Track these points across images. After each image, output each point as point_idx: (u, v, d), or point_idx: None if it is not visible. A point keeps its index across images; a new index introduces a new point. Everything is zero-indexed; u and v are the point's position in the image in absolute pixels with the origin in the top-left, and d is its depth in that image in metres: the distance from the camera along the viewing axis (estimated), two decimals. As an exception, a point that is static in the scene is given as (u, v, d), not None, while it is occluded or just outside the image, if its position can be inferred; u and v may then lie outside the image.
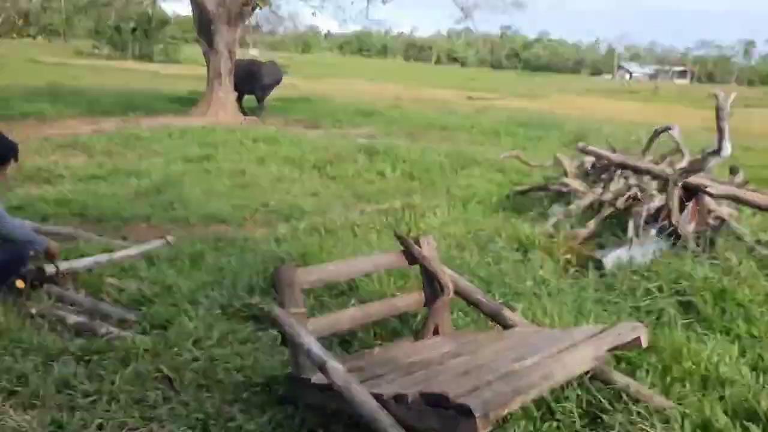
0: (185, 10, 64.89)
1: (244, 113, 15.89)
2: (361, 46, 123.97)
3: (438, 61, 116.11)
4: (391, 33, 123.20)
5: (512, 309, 3.56)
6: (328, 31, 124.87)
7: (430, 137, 13.90)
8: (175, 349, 3.36)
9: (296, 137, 11.47)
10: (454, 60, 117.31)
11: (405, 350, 3.22)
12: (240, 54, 17.35)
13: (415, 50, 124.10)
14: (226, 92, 15.29)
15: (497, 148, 12.55)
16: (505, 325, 3.38)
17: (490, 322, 3.67)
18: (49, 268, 4.16)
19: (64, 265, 4.27)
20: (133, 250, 4.90)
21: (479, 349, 2.98)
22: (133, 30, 47.32)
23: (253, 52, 49.02)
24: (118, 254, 4.76)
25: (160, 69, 37.87)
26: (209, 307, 3.96)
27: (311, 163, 9.20)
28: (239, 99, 16.05)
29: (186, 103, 17.23)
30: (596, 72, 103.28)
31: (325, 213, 6.83)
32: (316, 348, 2.67)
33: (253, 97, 16.45)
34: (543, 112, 22.15)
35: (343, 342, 3.65)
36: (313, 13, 16.91)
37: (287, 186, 8.04)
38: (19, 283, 3.90)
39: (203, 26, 15.55)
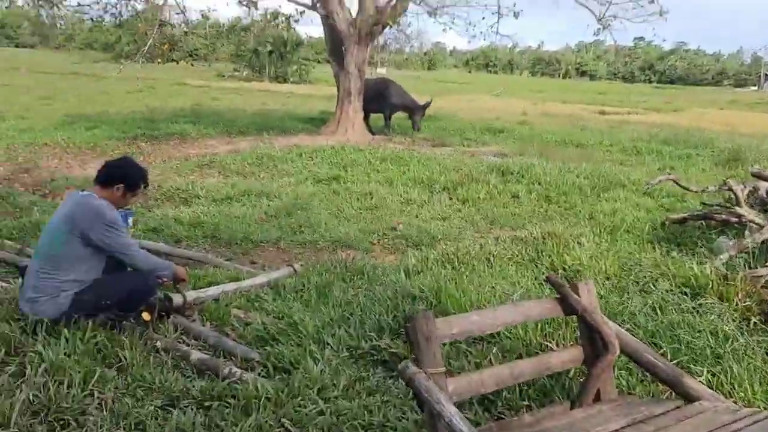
0: (317, 32, 67.40)
1: (372, 132, 15.86)
2: (487, 61, 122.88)
3: (566, 75, 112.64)
4: (518, 48, 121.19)
5: (694, 375, 2.92)
6: (454, 48, 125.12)
7: (564, 155, 13.06)
8: (299, 398, 3.05)
9: (424, 157, 11.14)
10: (583, 73, 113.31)
11: (562, 420, 2.69)
12: (368, 73, 17.42)
13: (543, 64, 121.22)
14: (355, 111, 15.32)
15: (642, 168, 11.56)
16: (687, 397, 2.76)
17: (660, 386, 3.07)
18: (177, 298, 4.03)
19: (191, 295, 4.14)
20: (260, 278, 4.72)
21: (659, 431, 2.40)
22: (270, 53, 49.63)
23: (381, 71, 49.80)
24: (245, 283, 4.59)
25: (294, 89, 39.36)
26: (336, 348, 3.65)
27: (441, 184, 8.80)
28: (366, 118, 16.05)
29: (317, 122, 17.51)
30: (740, 83, 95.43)
31: (456, 239, 6.41)
32: (459, 421, 2.24)
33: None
34: (685, 127, 20.38)
35: (484, 398, 3.18)
36: (444, 30, 16.51)
37: (416, 209, 7.70)
38: (146, 315, 3.79)
39: (334, 47, 15.72)
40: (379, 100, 15.62)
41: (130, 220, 6.55)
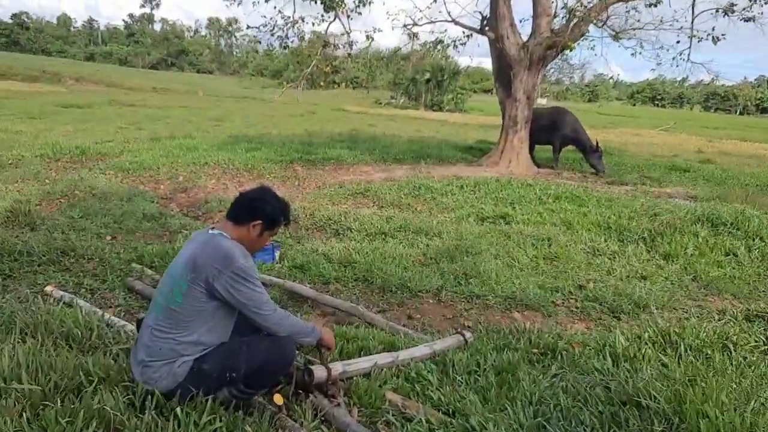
0: (474, 62, 66.81)
1: (537, 165, 14.53)
2: (654, 94, 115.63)
3: (744, 111, 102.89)
4: (688, 81, 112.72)
5: None
6: (618, 79, 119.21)
7: (772, 203, 10.92)
8: None
9: (605, 197, 9.66)
10: (764, 110, 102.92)
11: None
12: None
13: (717, 99, 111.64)
14: (521, 141, 14.09)
15: None
16: None
17: None
18: (319, 371, 3.12)
19: (337, 368, 3.21)
20: (422, 349, 3.70)
21: None
22: (427, 81, 49.77)
23: (542, 102, 47.97)
24: (404, 354, 3.58)
25: (448, 117, 38.86)
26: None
27: (633, 232, 7.32)
28: (532, 149, 14.75)
29: (475, 152, 16.50)
30: None
31: (666, 308, 5.02)
32: None
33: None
34: None
35: None
36: (633, 54, 14.81)
37: (606, 262, 6.33)
38: (277, 398, 2.90)
39: (502, 72, 14.65)
40: (551, 130, 14.27)
41: (277, 254, 5.88)
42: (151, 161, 11.64)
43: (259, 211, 2.96)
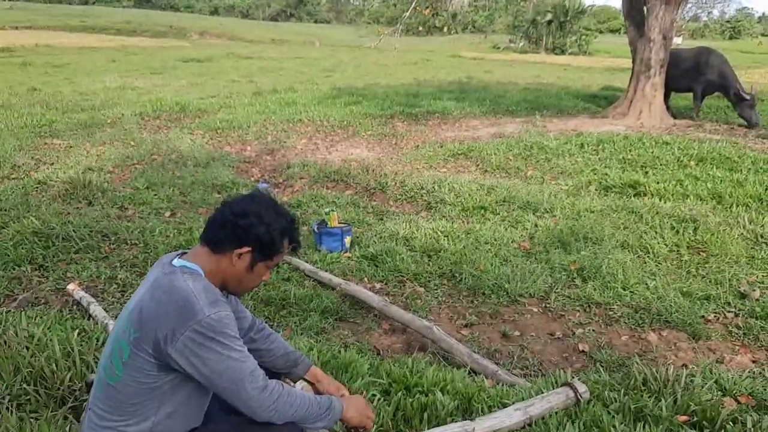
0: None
1: (674, 116, 12.48)
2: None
3: None
4: None
5: None
6: (764, 14, 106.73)
7: None
8: None
9: (762, 157, 7.76)
10: None
11: None
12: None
13: None
14: (654, 89, 12.10)
15: None
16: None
17: None
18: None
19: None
20: (511, 416, 2.55)
21: None
22: (549, 22, 46.39)
23: (677, 41, 43.46)
24: (482, 424, 2.46)
25: (571, 61, 35.92)
26: None
27: (810, 212, 5.63)
28: (667, 97, 12.67)
29: (600, 101, 14.57)
30: None
31: None
32: None
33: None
34: None
35: None
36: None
37: (776, 256, 4.79)
38: None
39: (633, 8, 12.60)
40: (694, 74, 12.10)
41: (347, 240, 4.89)
42: (243, 119, 10.99)
43: (248, 232, 1.91)
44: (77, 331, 3.09)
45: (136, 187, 6.52)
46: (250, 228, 1.90)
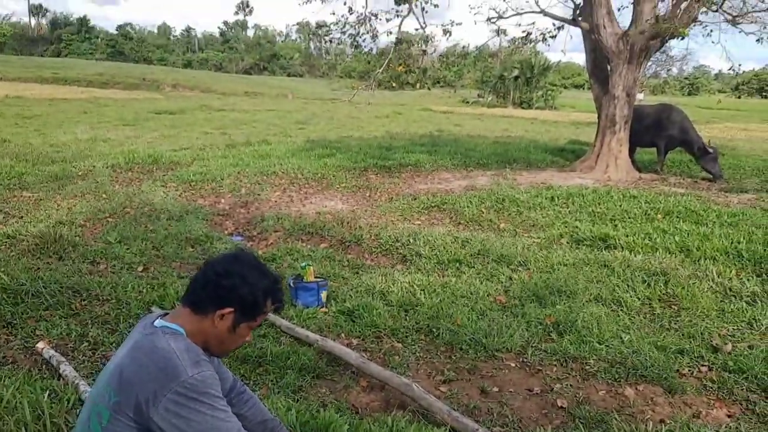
0: (565, 56, 63.89)
1: (639, 170, 12.85)
2: (762, 85, 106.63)
3: None
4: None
5: None
6: (720, 72, 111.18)
7: None
8: None
9: (726, 211, 8.01)
10: None
11: None
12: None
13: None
14: (620, 143, 12.46)
15: None
16: None
17: None
18: None
19: None
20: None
21: None
22: (516, 78, 47.79)
23: (639, 96, 45.02)
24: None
25: (538, 115, 36.92)
26: None
27: (775, 265, 5.79)
28: (632, 152, 13.06)
29: (568, 155, 14.95)
30: None
31: None
32: None
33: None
34: None
35: None
36: (759, 41, 12.92)
37: (744, 309, 4.88)
38: None
39: (597, 67, 13.10)
40: (657, 130, 12.53)
41: (323, 294, 4.87)
42: (216, 171, 11.00)
43: (231, 293, 1.91)
44: (47, 392, 3.00)
45: (108, 241, 6.42)
46: (233, 289, 1.90)
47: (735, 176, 12.57)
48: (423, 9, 11.98)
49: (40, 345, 3.89)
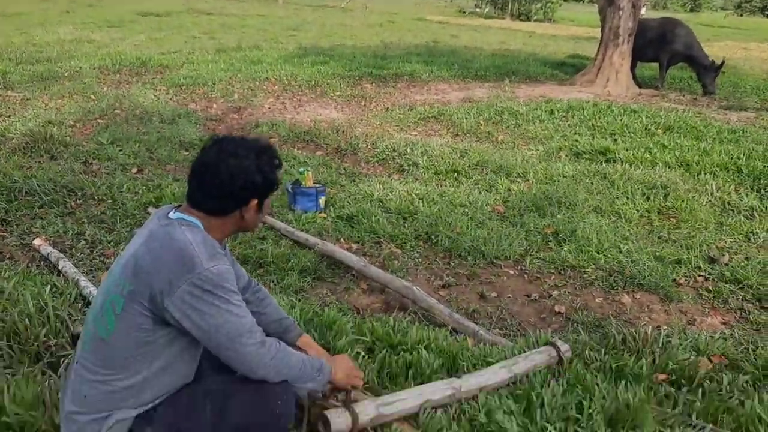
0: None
1: (639, 85, 12.63)
2: (765, 5, 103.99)
3: None
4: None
5: None
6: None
7: None
8: None
9: (726, 128, 7.92)
10: None
11: None
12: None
13: None
14: (622, 57, 12.19)
15: None
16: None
17: None
18: (338, 419, 2.08)
19: (367, 410, 2.15)
20: (496, 373, 2.56)
21: None
22: (514, -12, 46.16)
23: (641, 12, 43.73)
24: (468, 381, 2.47)
25: (536, 28, 35.87)
26: None
27: (772, 180, 5.78)
28: (634, 66, 12.79)
29: (567, 68, 14.61)
30: None
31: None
32: None
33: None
34: None
35: None
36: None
37: (743, 223, 4.91)
38: None
39: (604, -25, 12.61)
40: (660, 44, 12.21)
41: (321, 200, 4.82)
42: (207, 76, 10.68)
43: (245, 189, 1.84)
44: (48, 286, 2.98)
45: (100, 142, 6.28)
46: (252, 181, 1.84)
47: (735, 94, 12.39)
48: None
49: (36, 242, 3.85)
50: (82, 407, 1.79)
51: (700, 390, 2.57)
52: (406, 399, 2.29)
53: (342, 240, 4.38)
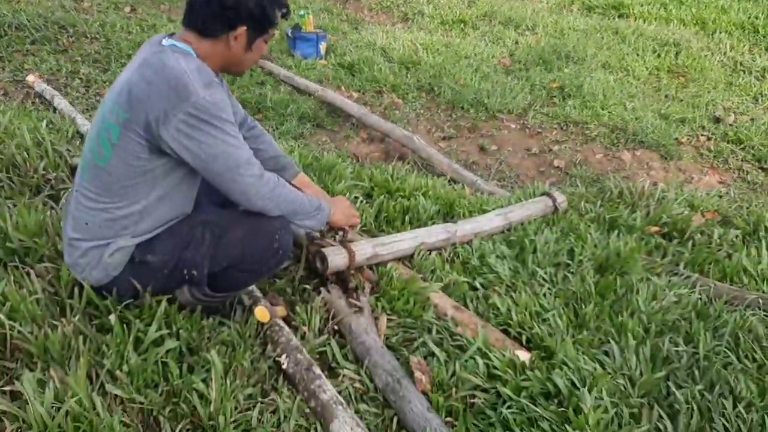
0: None
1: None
2: None
3: None
4: None
5: None
6: None
7: None
8: None
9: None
10: None
11: None
12: None
13: None
14: None
15: None
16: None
17: None
18: (336, 256, 2.14)
19: (364, 250, 2.21)
20: (491, 220, 2.60)
21: None
22: None
23: None
24: (464, 227, 2.51)
25: None
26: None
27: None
28: None
29: None
30: None
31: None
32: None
33: None
34: None
35: None
36: None
37: (753, 84, 4.79)
38: (260, 314, 1.93)
39: None
40: None
41: (322, 46, 4.66)
42: None
43: (238, 11, 1.74)
44: (45, 121, 2.93)
45: (91, -23, 5.94)
46: (239, 6, 1.73)
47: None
48: None
49: (30, 78, 3.74)
50: (84, 234, 1.81)
51: (691, 243, 2.63)
52: (402, 240, 2.34)
53: (342, 88, 4.28)
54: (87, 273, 1.84)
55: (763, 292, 2.36)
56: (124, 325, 1.76)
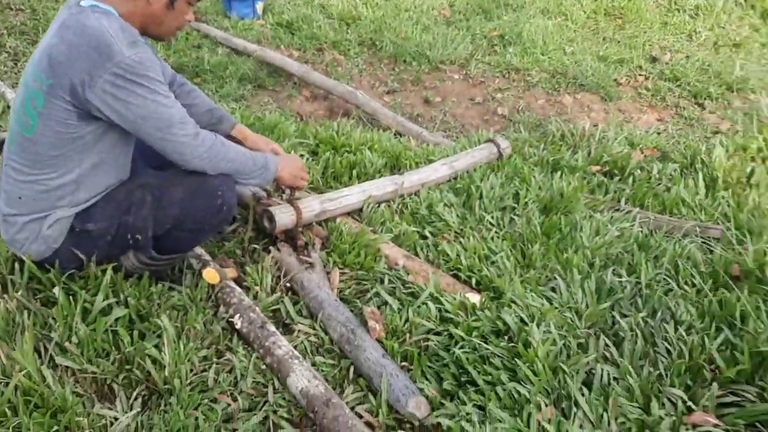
0: None
1: None
2: None
3: None
4: None
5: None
6: None
7: None
8: None
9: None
10: None
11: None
12: None
13: None
14: None
15: None
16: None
17: None
18: (283, 215, 2.13)
19: (311, 206, 2.20)
20: (437, 170, 2.62)
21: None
22: None
23: None
24: (410, 178, 2.52)
25: None
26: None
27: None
28: None
29: None
30: None
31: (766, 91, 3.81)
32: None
33: None
34: None
35: None
36: None
37: (687, 22, 4.89)
38: (209, 276, 1.91)
39: None
40: None
41: (258, 6, 4.55)
42: None
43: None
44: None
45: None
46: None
47: None
48: None
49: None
50: (19, 209, 1.76)
51: (631, 179, 2.71)
52: (350, 195, 2.34)
53: (282, 47, 4.20)
54: (27, 248, 1.79)
55: (701, 221, 2.45)
56: (70, 297, 1.73)
